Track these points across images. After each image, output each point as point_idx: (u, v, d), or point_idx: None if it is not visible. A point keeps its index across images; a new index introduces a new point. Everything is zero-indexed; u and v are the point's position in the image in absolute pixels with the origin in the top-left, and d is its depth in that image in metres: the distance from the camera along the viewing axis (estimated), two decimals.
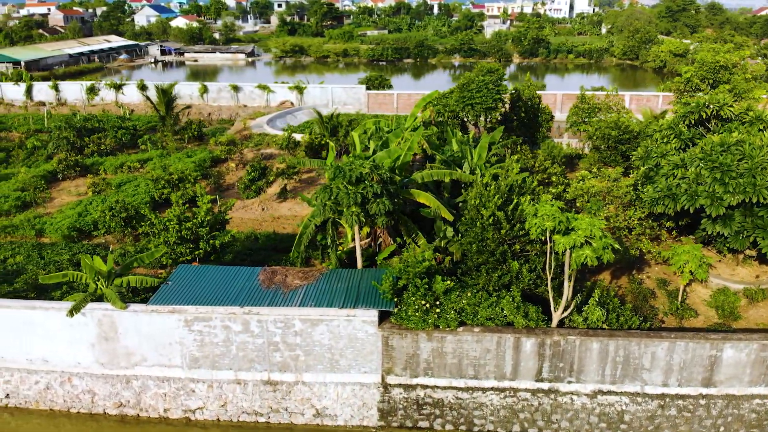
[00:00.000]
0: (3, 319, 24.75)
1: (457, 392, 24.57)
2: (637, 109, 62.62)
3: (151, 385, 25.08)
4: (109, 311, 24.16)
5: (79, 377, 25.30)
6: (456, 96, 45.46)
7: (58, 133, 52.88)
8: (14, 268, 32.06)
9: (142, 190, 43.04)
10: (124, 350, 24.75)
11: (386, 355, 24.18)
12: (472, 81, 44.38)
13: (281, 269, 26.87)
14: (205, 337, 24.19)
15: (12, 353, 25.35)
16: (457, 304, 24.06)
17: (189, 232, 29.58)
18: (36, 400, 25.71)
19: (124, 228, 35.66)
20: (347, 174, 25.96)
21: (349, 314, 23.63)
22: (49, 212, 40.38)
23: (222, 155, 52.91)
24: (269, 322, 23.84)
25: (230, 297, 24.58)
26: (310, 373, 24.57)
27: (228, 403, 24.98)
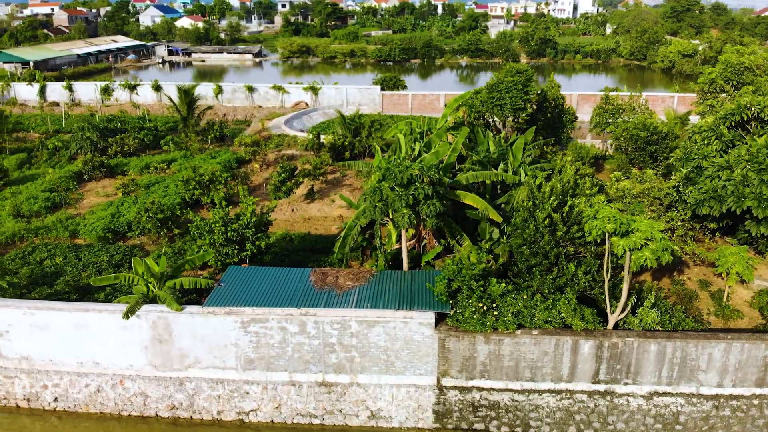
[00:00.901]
0: (55, 321, 24.59)
1: (514, 394, 24.49)
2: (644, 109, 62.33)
3: (204, 387, 24.95)
4: (164, 313, 24.03)
5: (131, 380, 25.16)
6: (484, 96, 45.38)
7: (81, 134, 52.70)
8: (52, 270, 31.89)
9: (171, 191, 42.90)
10: (178, 352, 24.62)
11: (442, 358, 24.09)
12: (501, 81, 44.32)
13: (331, 270, 26.77)
14: (261, 338, 24.08)
15: (62, 356, 25.21)
16: (514, 306, 23.99)
17: (235, 234, 29.47)
18: (86, 403, 25.56)
19: (159, 229, 35.51)
20: (398, 176, 25.85)
21: (405, 316, 23.54)
22: (80, 213, 40.23)
23: (246, 156, 52.79)
24: (326, 323, 23.74)
25: (284, 298, 24.47)
26: (365, 374, 24.47)
27: (282, 404, 24.87)
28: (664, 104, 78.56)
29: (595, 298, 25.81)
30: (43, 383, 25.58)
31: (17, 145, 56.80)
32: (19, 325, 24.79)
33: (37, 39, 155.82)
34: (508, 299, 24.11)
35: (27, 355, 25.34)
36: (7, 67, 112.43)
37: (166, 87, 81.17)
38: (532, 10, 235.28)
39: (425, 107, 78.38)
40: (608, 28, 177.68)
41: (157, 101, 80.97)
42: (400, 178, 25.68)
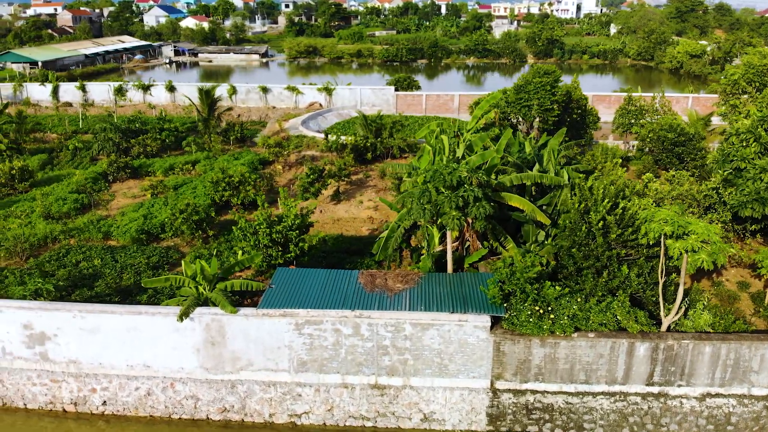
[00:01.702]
0: (106, 324, 24.47)
1: (568, 397, 24.44)
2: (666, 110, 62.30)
3: (256, 390, 24.85)
4: (218, 315, 23.94)
5: (182, 383, 25.05)
6: (511, 97, 45.35)
7: (103, 135, 52.53)
8: (90, 272, 31.73)
9: (200, 192, 42.77)
10: (230, 355, 24.52)
11: (497, 361, 24.03)
12: (529, 82, 44.29)
13: (379, 272, 26.69)
14: (314, 340, 23.99)
15: (111, 359, 25.09)
16: (569, 309, 23.93)
17: (279, 236, 29.38)
18: (135, 406, 25.44)
19: (194, 231, 35.39)
20: (446, 178, 25.77)
21: (461, 319, 23.48)
22: (110, 214, 40.08)
23: (270, 157, 52.68)
24: (379, 325, 23.67)
25: (336, 300, 24.39)
26: (418, 377, 24.40)
27: (335, 407, 24.78)
28: (679, 105, 78.62)
29: (644, 301, 25.78)
30: (91, 387, 25.46)
31: (36, 146, 56.58)
32: (69, 328, 24.67)
33: (42, 39, 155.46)
34: (563, 302, 24.05)
35: (75, 358, 25.21)
36: (15, 67, 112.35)
37: (179, 87, 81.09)
38: (536, 11, 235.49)
39: (439, 108, 78.38)
40: (612, 28, 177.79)
41: (170, 102, 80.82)
42: (449, 180, 25.59)
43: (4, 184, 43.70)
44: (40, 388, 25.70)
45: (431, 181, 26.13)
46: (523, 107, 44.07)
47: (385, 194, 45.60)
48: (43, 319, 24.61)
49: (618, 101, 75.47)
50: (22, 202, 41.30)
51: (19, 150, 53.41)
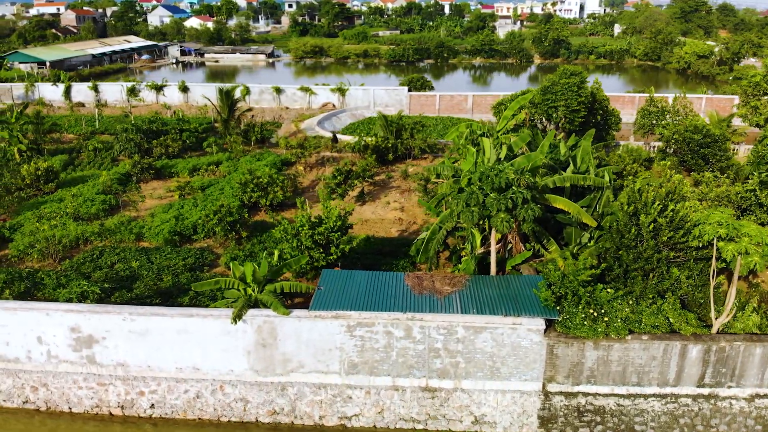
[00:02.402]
0: (156, 326, 24.38)
1: (619, 399, 24.43)
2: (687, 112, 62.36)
3: (307, 392, 24.79)
4: (270, 317, 23.87)
5: (231, 385, 24.98)
6: (537, 98, 45.36)
7: (124, 136, 52.40)
8: (127, 273, 31.62)
9: (228, 193, 42.68)
10: (281, 357, 24.45)
11: (549, 364, 24.01)
12: (555, 83, 44.28)
13: (425, 275, 26.64)
14: (366, 342, 23.94)
15: (160, 362, 24.99)
16: (621, 312, 23.92)
17: (322, 237, 29.32)
18: (184, 409, 25.36)
19: (228, 232, 35.31)
20: (495, 180, 25.74)
21: (515, 322, 23.45)
22: (140, 215, 39.95)
23: (292, 158, 52.62)
24: (432, 328, 23.63)
25: (387, 302, 24.33)
26: (470, 380, 24.36)
27: (385, 409, 24.73)
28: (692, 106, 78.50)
29: (692, 303, 25.75)
30: (139, 390, 25.36)
31: (55, 147, 56.41)
32: (118, 331, 24.58)
33: (46, 39, 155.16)
34: (615, 305, 24.03)
35: (123, 361, 25.11)
36: (23, 67, 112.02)
37: (193, 88, 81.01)
38: (538, 10, 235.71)
39: (453, 108, 78.35)
40: (617, 28, 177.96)
41: (184, 102, 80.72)
42: (498, 182, 25.56)
43: (30, 184, 43.50)
44: (86, 392, 25.60)
45: (479, 183, 26.09)
46: (549, 108, 44.05)
47: (409, 195, 45.61)
48: (92, 322, 24.50)
49: (632, 101, 75.68)
50: (49, 203, 41.12)
51: (39, 150, 53.27)
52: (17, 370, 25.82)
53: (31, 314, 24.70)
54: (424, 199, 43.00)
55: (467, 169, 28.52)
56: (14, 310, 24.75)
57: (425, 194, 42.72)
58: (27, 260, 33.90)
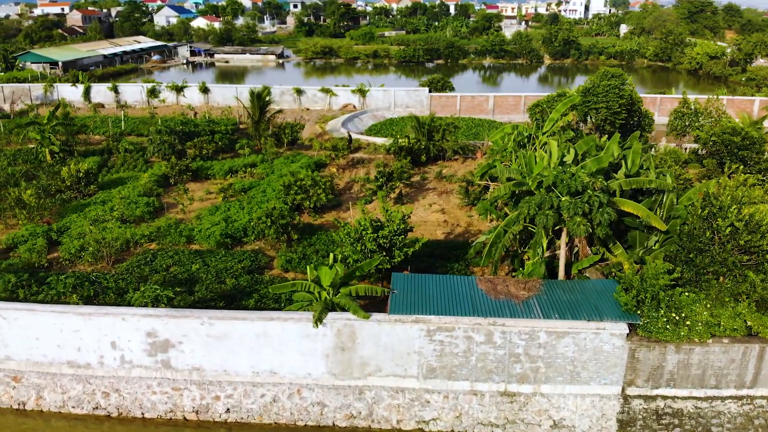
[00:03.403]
0: (235, 330, 24.30)
1: (697, 402, 24.47)
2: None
3: (384, 396, 24.73)
4: (350, 321, 23.81)
5: (308, 389, 24.91)
6: (577, 100, 45.33)
7: (158, 137, 52.24)
8: (185, 276, 31.51)
9: (270, 195, 42.61)
10: (359, 360, 24.39)
11: (630, 367, 24.03)
12: (597, 85, 44.31)
13: (497, 279, 26.61)
14: (445, 347, 23.90)
15: (237, 366, 24.91)
16: (700, 315, 23.93)
17: (386, 241, 29.27)
18: (260, 414, 25.27)
19: (280, 234, 35.23)
20: (570, 184, 25.74)
21: (598, 327, 23.44)
22: (186, 218, 39.84)
23: (327, 160, 52.56)
24: (513, 333, 23.60)
25: (465, 307, 24.28)
26: (549, 384, 24.35)
27: (463, 414, 24.69)
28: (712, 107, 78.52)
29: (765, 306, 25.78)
30: (215, 394, 25.26)
31: (84, 148, 56.21)
32: (195, 335, 24.48)
33: (53, 39, 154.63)
34: (694, 308, 24.05)
35: (199, 365, 25.01)
36: (35, 67, 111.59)
37: (214, 89, 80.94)
38: (543, 10, 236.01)
39: (473, 109, 78.44)
40: (623, 28, 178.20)
41: (204, 103, 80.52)
42: (574, 186, 25.55)
43: (69, 186, 43.30)
44: (160, 397, 25.48)
45: (554, 186, 26.07)
46: (591, 110, 44.08)
47: (447, 197, 45.60)
48: (169, 327, 24.41)
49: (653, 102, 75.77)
50: (92, 206, 40.96)
51: (70, 152, 53.07)
52: (88, 376, 25.70)
53: (106, 319, 24.60)
54: (465, 201, 43.08)
55: (537, 172, 28.45)
56: (89, 315, 24.64)
57: (466, 196, 42.70)
58: (78, 263, 33.75)
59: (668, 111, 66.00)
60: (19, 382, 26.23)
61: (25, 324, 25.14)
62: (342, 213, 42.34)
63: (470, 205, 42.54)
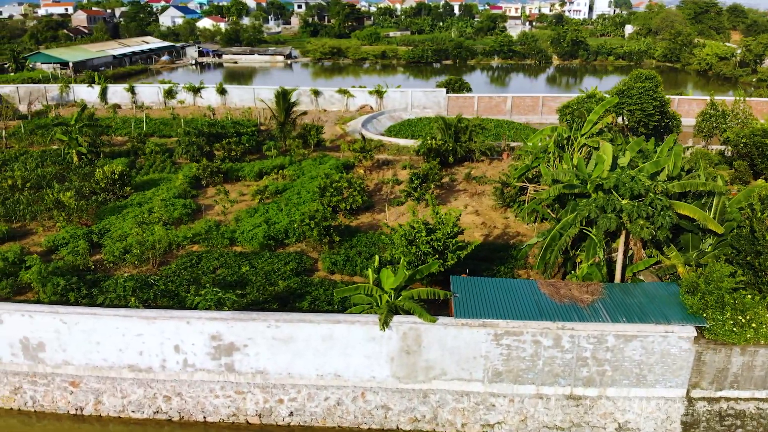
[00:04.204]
0: (300, 333, 24.27)
1: (759, 403, 24.55)
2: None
3: (449, 400, 24.73)
4: (416, 324, 23.81)
5: (373, 392, 24.89)
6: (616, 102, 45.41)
7: (187, 139, 52.16)
8: (234, 279, 31.43)
9: (305, 197, 42.55)
10: (424, 364, 24.39)
11: (695, 370, 24.08)
12: (631, 87, 44.38)
13: (559, 282, 26.64)
14: (512, 351, 23.91)
15: (301, 369, 24.88)
16: (764, 317, 23.99)
17: (439, 243, 29.25)
18: (323, 417, 25.25)
19: (322, 237, 35.21)
20: (633, 187, 25.80)
21: (666, 330, 23.48)
22: (224, 220, 39.78)
23: (355, 161, 52.52)
24: (581, 337, 23.62)
25: (529, 311, 24.30)
26: (615, 387, 24.38)
27: (528, 417, 24.71)
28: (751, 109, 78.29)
29: None
30: (278, 398, 25.23)
31: (109, 150, 56.07)
32: (261, 338, 24.45)
33: (58, 39, 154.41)
34: (758, 310, 24.10)
35: (263, 369, 24.98)
36: (45, 68, 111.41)
37: (231, 90, 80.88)
38: (546, 11, 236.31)
39: (491, 110, 78.52)
40: (628, 28, 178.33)
41: (221, 104, 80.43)
42: (637, 189, 25.60)
43: (104, 188, 43.18)
44: (223, 401, 25.44)
45: (615, 189, 26.11)
46: (625, 111, 44.15)
47: (479, 198, 45.59)
48: (234, 330, 24.37)
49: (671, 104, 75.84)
50: (129, 208, 40.86)
51: (97, 153, 52.97)
52: (149, 380, 25.64)
53: (170, 323, 24.55)
54: (499, 203, 43.07)
55: (596, 175, 28.48)
56: (153, 319, 24.59)
57: (501, 198, 42.70)
58: (122, 266, 33.68)
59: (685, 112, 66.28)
60: (78, 387, 26.15)
61: (87, 328, 25.07)
62: (376, 215, 42.34)
63: (505, 207, 42.55)
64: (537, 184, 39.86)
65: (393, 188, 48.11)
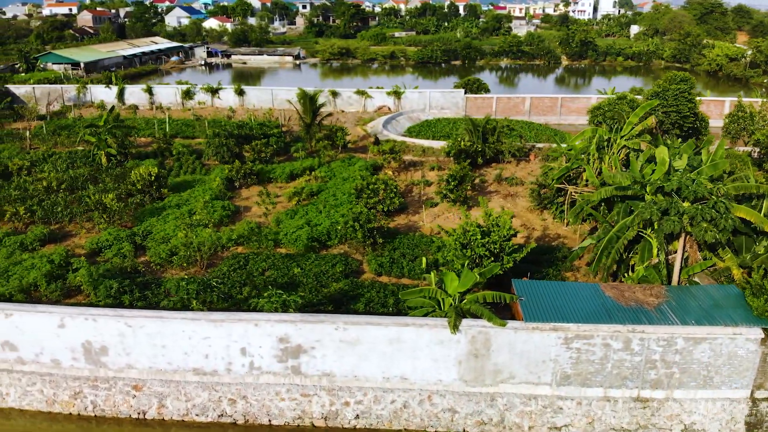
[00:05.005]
0: (368, 336, 24.29)
1: None
2: None
3: (516, 403, 24.78)
4: (486, 328, 23.84)
5: (439, 395, 24.93)
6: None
7: (217, 140, 52.12)
8: (285, 280, 31.41)
9: (342, 199, 42.56)
10: (492, 367, 24.43)
11: (761, 371, 24.18)
12: (666, 89, 44.48)
13: (622, 285, 26.73)
14: (581, 354, 23.96)
15: (368, 371, 24.90)
16: None
17: (496, 246, 29.29)
18: (389, 420, 25.28)
19: (366, 238, 35.24)
20: (696, 190, 25.89)
21: (735, 332, 23.58)
22: (264, 222, 39.78)
23: (384, 163, 52.54)
24: (651, 340, 23.69)
25: (600, 314, 24.39)
26: (682, 389, 24.46)
27: (595, 420, 24.78)
28: None
29: None
30: (344, 400, 25.25)
31: (135, 151, 55.97)
32: (328, 340, 24.47)
33: (64, 39, 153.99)
34: None
35: (329, 371, 25.00)
36: (56, 68, 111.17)
37: (250, 91, 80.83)
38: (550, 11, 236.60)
39: (510, 110, 78.62)
40: (634, 29, 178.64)
41: (239, 105, 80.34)
42: (701, 192, 25.68)
43: (140, 190, 43.10)
44: (289, 403, 25.45)
45: (676, 192, 26.19)
46: (661, 113, 44.23)
47: (513, 200, 45.65)
48: (302, 332, 24.38)
49: None
50: (168, 209, 40.82)
51: (126, 155, 52.90)
52: (214, 383, 25.63)
53: (238, 325, 24.54)
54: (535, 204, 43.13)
55: (656, 177, 28.54)
56: (221, 321, 24.58)
57: (538, 200, 42.76)
58: (169, 268, 33.68)
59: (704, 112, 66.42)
60: (140, 390, 26.12)
61: (152, 332, 25.05)
62: (411, 216, 42.41)
63: (542, 209, 42.64)
64: (575, 186, 39.92)
65: (423, 189, 48.17)
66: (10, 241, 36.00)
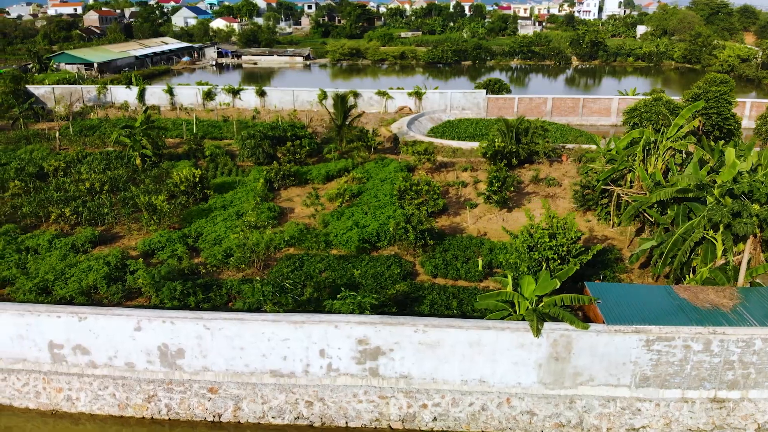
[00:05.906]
0: (448, 338, 24.39)
1: None
2: (757, 115, 62.60)
3: (595, 405, 24.92)
4: (567, 331, 23.97)
5: (518, 398, 25.05)
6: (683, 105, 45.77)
7: (252, 142, 52.16)
8: (343, 282, 31.46)
9: (384, 200, 42.62)
10: (572, 370, 24.56)
11: None
12: (706, 91, 44.72)
13: (695, 287, 26.90)
14: (662, 356, 24.12)
15: (446, 374, 25.00)
16: None
17: (563, 249, 29.42)
18: (467, 422, 25.39)
19: (417, 240, 35.37)
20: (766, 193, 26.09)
21: None
22: (311, 223, 39.84)
23: (418, 164, 52.64)
24: (731, 341, 23.86)
25: (678, 316, 24.56)
26: (757, 389, 24.65)
27: (673, 421, 24.94)
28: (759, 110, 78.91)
29: None
30: (422, 403, 25.35)
31: (167, 152, 55.94)
32: (407, 342, 24.56)
33: (71, 39, 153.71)
34: None
35: (407, 373, 25.09)
36: (69, 68, 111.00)
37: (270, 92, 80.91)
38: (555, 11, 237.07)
39: (531, 111, 78.77)
40: (640, 29, 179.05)
41: (261, 106, 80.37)
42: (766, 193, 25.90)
43: (184, 191, 43.10)
44: (366, 405, 25.54)
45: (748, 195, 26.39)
46: (702, 116, 44.46)
47: (553, 201, 45.75)
48: (381, 334, 24.46)
49: None
50: (216, 211, 40.85)
51: (160, 156, 52.90)
52: (291, 385, 25.71)
53: (318, 327, 24.61)
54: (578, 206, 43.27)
55: (726, 179, 28.72)
56: (301, 323, 24.65)
57: (581, 201, 42.88)
58: (225, 269, 33.76)
59: None
60: (216, 393, 26.18)
61: (231, 334, 25.10)
62: (452, 218, 42.56)
63: (585, 210, 42.80)
64: (619, 187, 40.11)
65: (459, 190, 48.32)
66: (60, 243, 35.94)
